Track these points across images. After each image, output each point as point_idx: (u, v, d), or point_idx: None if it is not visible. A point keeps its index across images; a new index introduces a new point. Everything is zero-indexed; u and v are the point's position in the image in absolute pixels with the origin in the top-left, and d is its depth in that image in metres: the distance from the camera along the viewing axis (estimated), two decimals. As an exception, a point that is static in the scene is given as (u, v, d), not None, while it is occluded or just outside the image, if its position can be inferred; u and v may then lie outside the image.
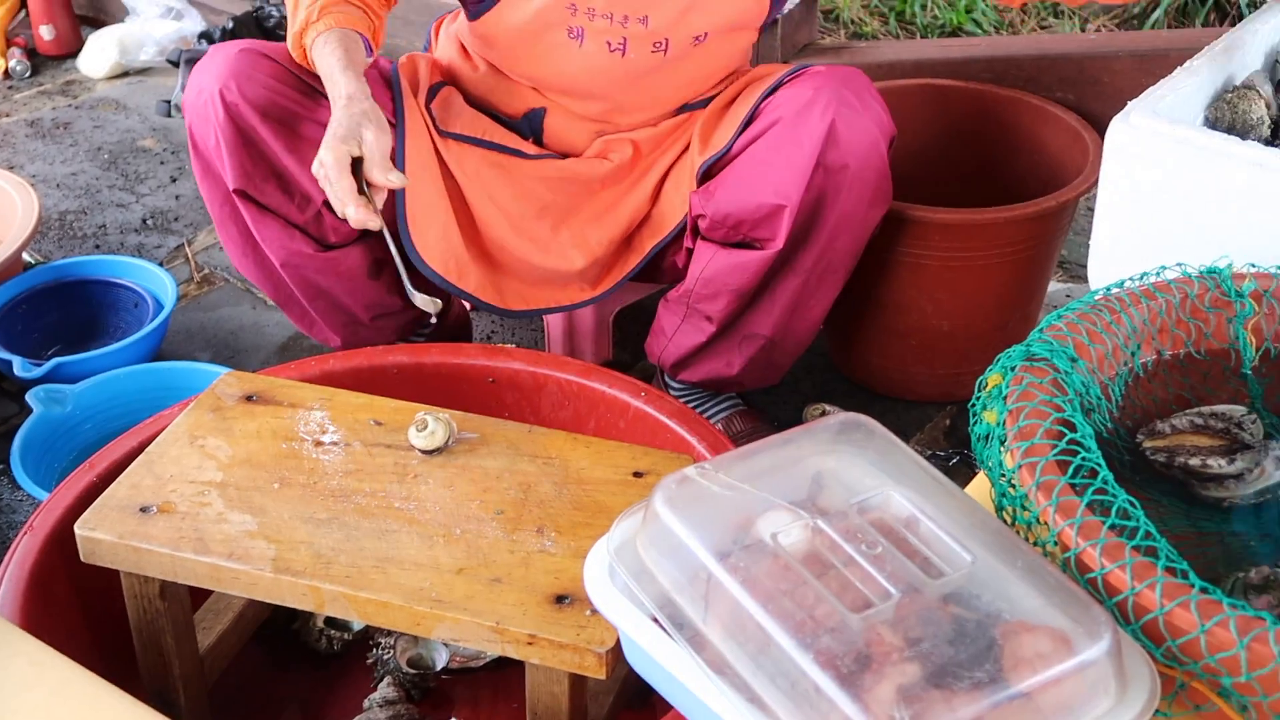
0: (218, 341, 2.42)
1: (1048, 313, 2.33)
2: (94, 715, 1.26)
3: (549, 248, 1.96)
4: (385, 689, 1.67)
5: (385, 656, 1.72)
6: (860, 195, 1.81)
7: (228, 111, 1.79)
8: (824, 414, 2.17)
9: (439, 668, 1.73)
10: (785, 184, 1.78)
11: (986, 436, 1.35)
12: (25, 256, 2.50)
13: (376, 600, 1.40)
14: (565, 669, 1.37)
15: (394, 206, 1.87)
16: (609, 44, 1.84)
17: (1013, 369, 1.32)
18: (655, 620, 1.19)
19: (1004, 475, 1.25)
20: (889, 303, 2.11)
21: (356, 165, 1.68)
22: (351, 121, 1.68)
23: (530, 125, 1.96)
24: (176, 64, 3.19)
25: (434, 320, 2.21)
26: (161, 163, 3.00)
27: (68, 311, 2.39)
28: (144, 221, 2.79)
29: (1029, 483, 1.19)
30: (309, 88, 1.84)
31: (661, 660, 1.16)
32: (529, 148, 1.96)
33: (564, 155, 1.98)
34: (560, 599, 1.39)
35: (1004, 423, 1.27)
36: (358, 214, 1.65)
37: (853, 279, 1.96)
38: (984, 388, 1.36)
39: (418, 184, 1.90)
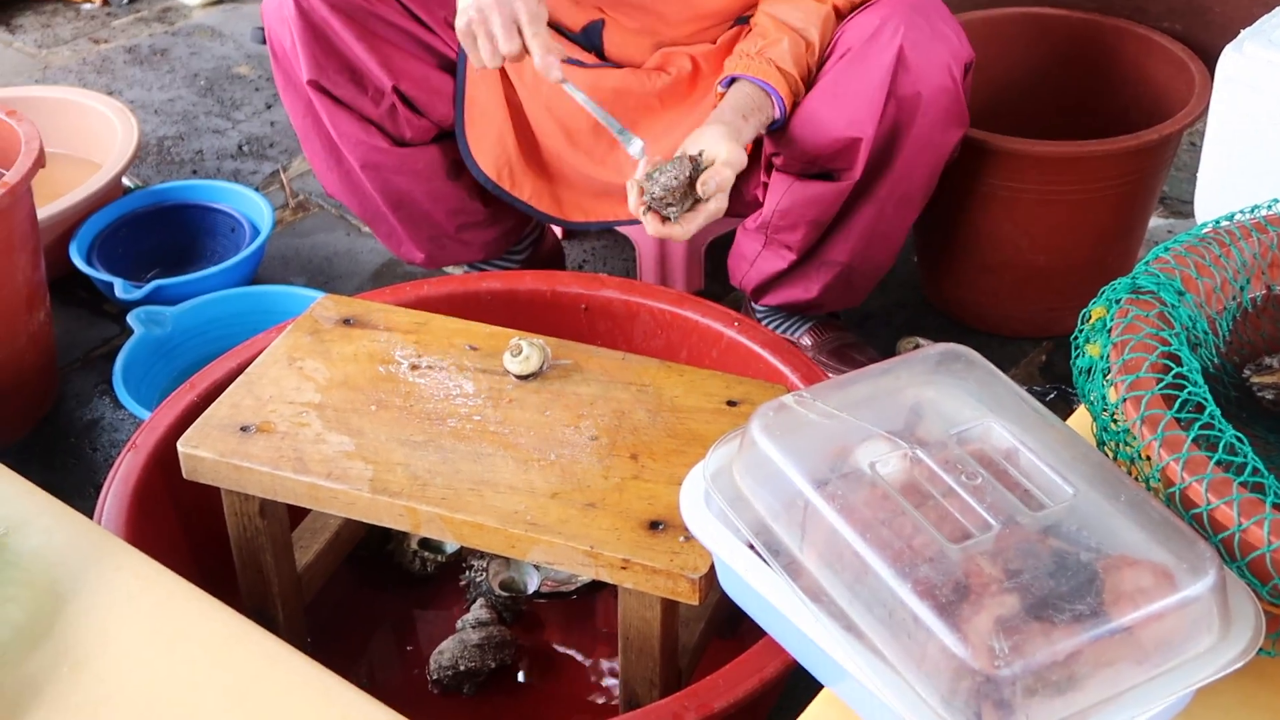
0: (312, 267, 2.44)
1: (1148, 249, 2.29)
2: (199, 628, 1.29)
3: (605, 160, 1.96)
4: (478, 610, 1.69)
5: (478, 579, 1.74)
6: (935, 121, 1.78)
7: (298, 6, 1.84)
8: (917, 347, 2.15)
9: (530, 591, 1.75)
10: (859, 115, 1.76)
11: (1089, 370, 1.33)
12: (124, 181, 2.54)
13: (472, 522, 1.41)
14: (658, 594, 1.38)
15: (453, 109, 1.89)
16: None
17: (1118, 302, 1.29)
18: (750, 547, 1.19)
19: (1106, 410, 1.24)
20: (982, 237, 2.08)
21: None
22: None
23: (589, 38, 1.96)
24: (271, -9, 3.20)
25: (522, 249, 2.22)
26: (256, 89, 3.03)
27: (166, 235, 2.43)
28: (240, 147, 2.82)
29: (1133, 417, 1.17)
30: None
31: (757, 586, 1.16)
32: (589, 59, 1.95)
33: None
34: (654, 525, 1.40)
35: (1108, 356, 1.26)
36: (545, 58, 1.68)
37: (944, 211, 1.94)
38: (1087, 320, 1.34)
39: (477, 89, 1.93)
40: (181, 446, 1.51)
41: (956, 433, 1.19)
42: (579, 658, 1.71)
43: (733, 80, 1.79)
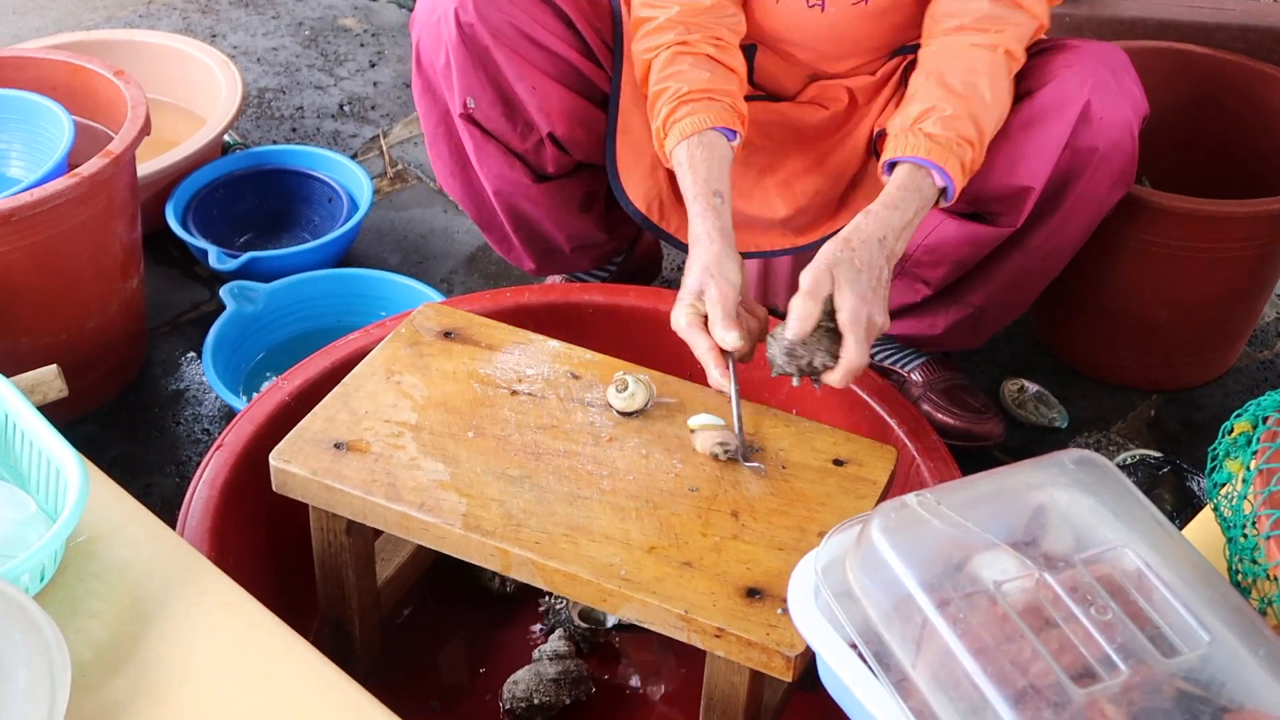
0: (407, 244, 2.40)
1: (1274, 307, 2.21)
2: (281, 667, 1.26)
3: (751, 194, 1.89)
4: (556, 642, 1.66)
5: (558, 606, 1.71)
6: (1104, 178, 1.71)
7: (461, 32, 1.74)
8: (1022, 389, 2.09)
9: (611, 624, 1.71)
10: (1034, 165, 1.68)
11: (1224, 484, 1.27)
12: (224, 138, 2.50)
13: (564, 571, 1.37)
14: (750, 665, 1.33)
15: (600, 144, 1.83)
16: (806, 0, 1.75)
17: (1265, 421, 1.23)
18: (854, 648, 1.15)
19: (1245, 535, 1.18)
20: (1107, 285, 2.00)
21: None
22: (696, 278, 1.56)
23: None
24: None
25: (623, 251, 2.16)
26: (361, 45, 2.98)
27: (262, 200, 2.39)
28: (341, 107, 2.77)
29: (1277, 557, 1.11)
30: (554, 9, 1.77)
31: (862, 698, 1.12)
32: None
33: (776, 96, 1.90)
34: (751, 592, 1.35)
35: (1251, 481, 1.19)
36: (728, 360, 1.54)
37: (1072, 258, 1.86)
38: (1228, 433, 1.27)
39: (629, 119, 1.84)
40: (274, 460, 1.48)
41: (1086, 555, 1.13)
42: (656, 695, 1.68)
43: (893, 165, 1.63)
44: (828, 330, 1.50)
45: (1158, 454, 1.94)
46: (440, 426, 1.52)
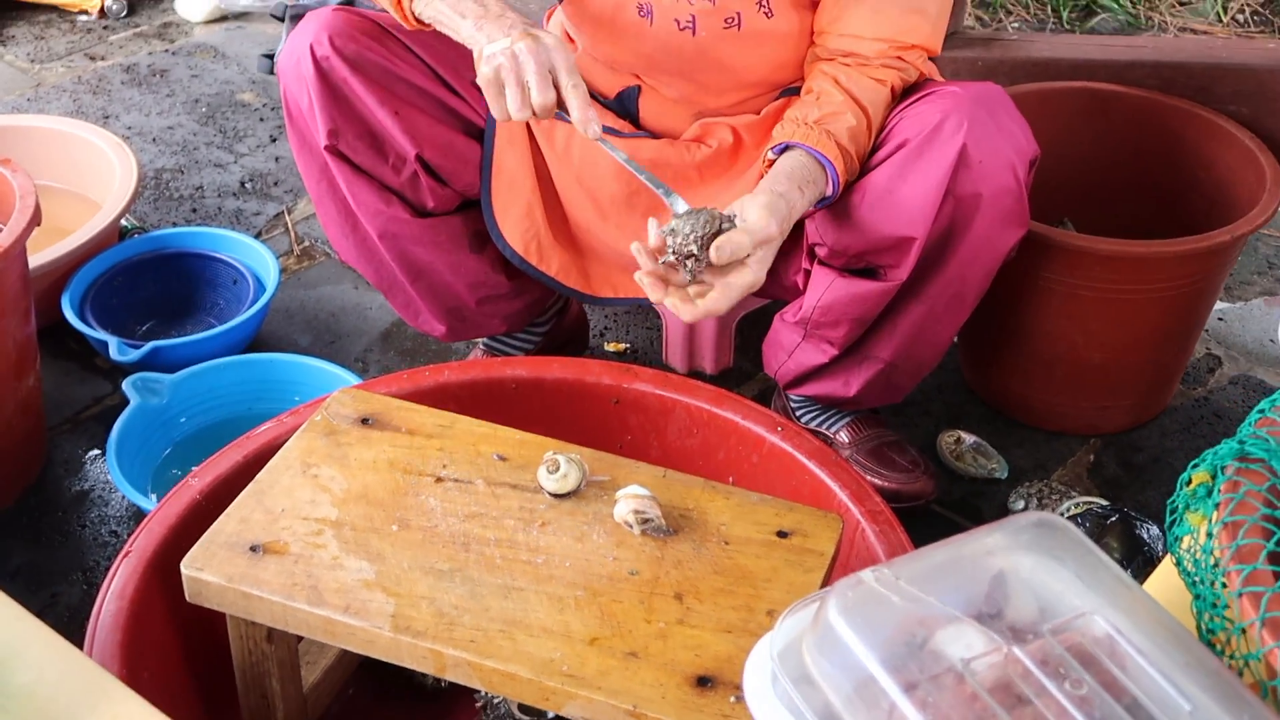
0: (318, 324, 2.31)
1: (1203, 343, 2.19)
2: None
3: (639, 234, 1.82)
4: (496, 738, 1.57)
5: (495, 700, 1.62)
6: (994, 222, 1.66)
7: (317, 66, 1.72)
8: (959, 441, 2.04)
9: (552, 715, 1.63)
10: (913, 215, 1.63)
11: (1185, 536, 1.23)
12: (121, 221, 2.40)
13: (503, 671, 1.29)
14: (705, 759, 1.26)
15: (478, 178, 1.81)
16: (678, 22, 1.72)
17: (1223, 470, 1.18)
18: (816, 733, 1.08)
19: (1215, 596, 1.13)
20: (1036, 330, 1.97)
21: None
22: (517, 36, 1.54)
23: (624, 105, 1.83)
24: (281, 18, 3.06)
25: (545, 320, 2.10)
26: (261, 119, 2.90)
27: (164, 285, 2.30)
28: (242, 184, 2.68)
29: (1250, 616, 1.06)
30: (405, 46, 1.76)
31: (830, 792, 1.05)
32: (624, 127, 1.83)
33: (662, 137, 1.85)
34: (702, 680, 1.28)
35: (1215, 534, 1.15)
36: (584, 111, 1.54)
37: (997, 303, 1.83)
38: (1186, 484, 1.23)
39: (505, 158, 1.82)
40: (185, 569, 1.39)
41: (1054, 625, 1.08)
42: (602, 788, 1.60)
43: (785, 148, 1.66)
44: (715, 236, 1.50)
45: (1103, 501, 1.90)
46: (362, 521, 1.44)
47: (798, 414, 2.03)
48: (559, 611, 1.34)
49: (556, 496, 1.46)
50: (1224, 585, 1.12)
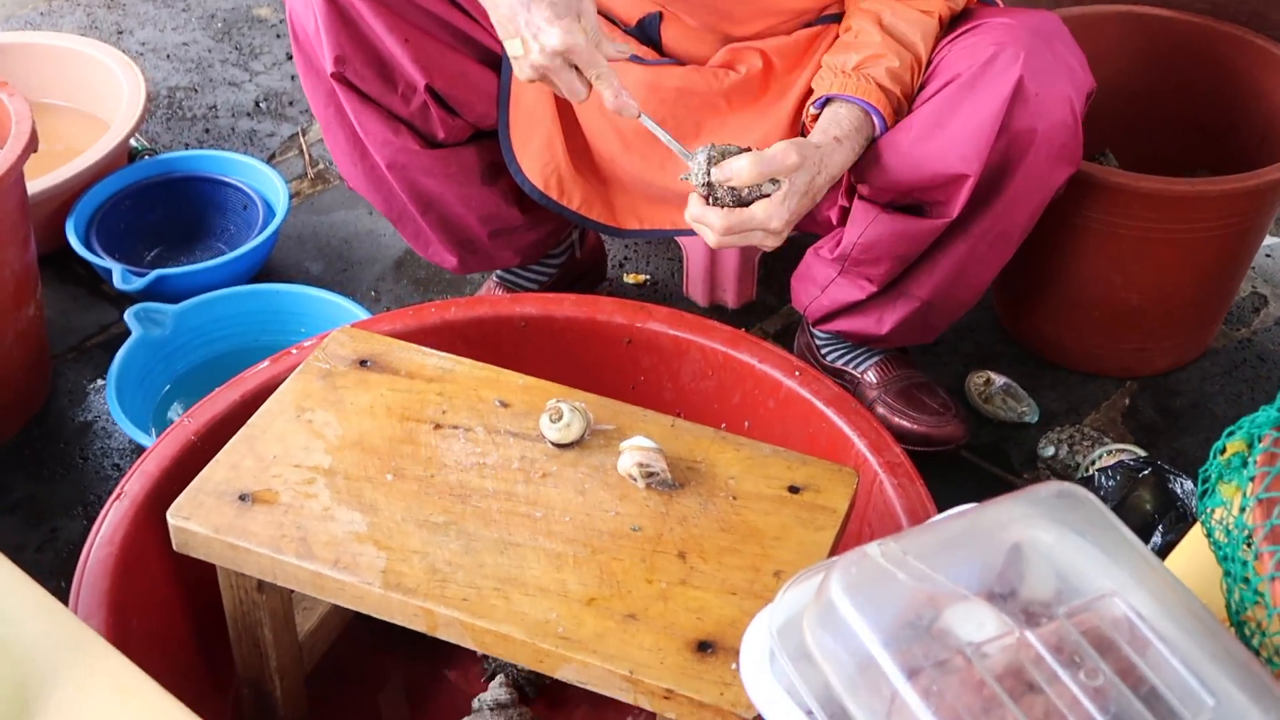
0: (330, 251, 2.25)
1: (1250, 283, 2.09)
2: (179, 761, 1.12)
3: (664, 164, 1.74)
4: (497, 689, 1.53)
5: (498, 650, 1.58)
6: (1047, 159, 1.58)
7: None
8: (988, 382, 1.97)
9: (556, 667, 1.58)
10: (965, 151, 1.55)
11: (1216, 508, 1.15)
12: (131, 142, 2.33)
13: (496, 631, 1.24)
14: (703, 727, 1.21)
15: (493, 108, 1.74)
16: None
17: (1260, 441, 1.10)
18: (810, 715, 1.03)
19: (1246, 572, 1.06)
20: (1074, 271, 1.88)
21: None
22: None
23: (646, 32, 1.74)
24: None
25: (561, 251, 2.03)
26: (278, 35, 2.81)
27: (173, 209, 2.24)
28: (257, 104, 2.61)
29: (1283, 601, 0.99)
30: None
31: (827, 778, 1.00)
32: (648, 54, 1.74)
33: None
34: (703, 645, 1.22)
35: (1249, 509, 1.07)
36: (617, 99, 1.49)
37: (1035, 241, 1.74)
38: (1220, 453, 1.15)
39: (524, 89, 1.74)
40: (171, 517, 1.34)
41: (1070, 607, 1.01)
42: (607, 741, 1.56)
43: (827, 101, 1.59)
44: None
45: (1137, 450, 1.82)
46: (356, 470, 1.38)
47: (823, 352, 1.95)
48: (556, 569, 1.29)
49: (559, 446, 1.41)
50: (1256, 562, 1.06)
